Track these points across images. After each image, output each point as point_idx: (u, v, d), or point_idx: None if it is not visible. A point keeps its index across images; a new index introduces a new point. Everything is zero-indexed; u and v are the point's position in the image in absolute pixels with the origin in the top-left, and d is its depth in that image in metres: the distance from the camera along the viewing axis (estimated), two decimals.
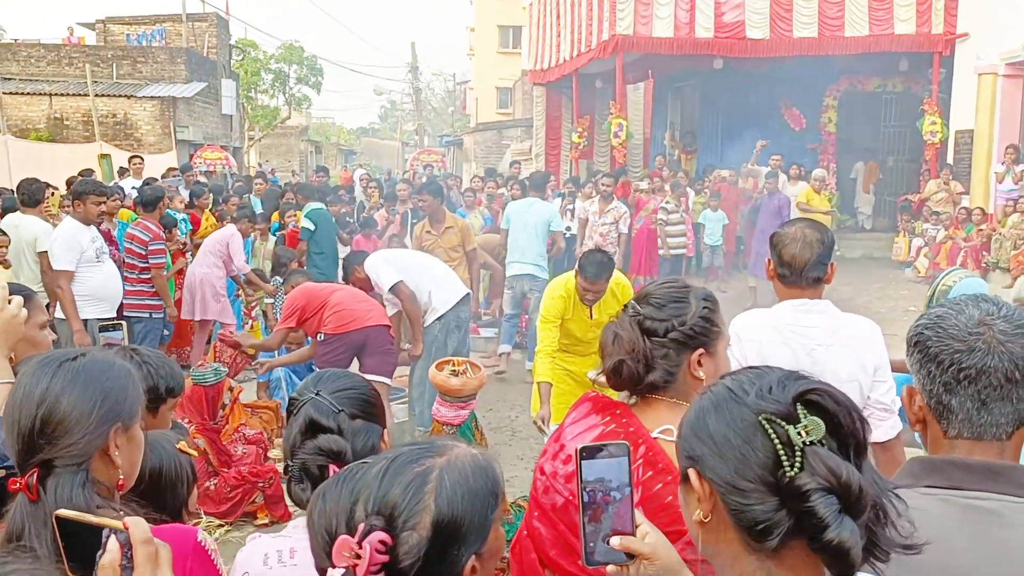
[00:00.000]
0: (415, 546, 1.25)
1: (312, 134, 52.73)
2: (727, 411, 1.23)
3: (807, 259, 3.01)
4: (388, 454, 1.38)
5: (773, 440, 1.16)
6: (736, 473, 1.18)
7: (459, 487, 1.31)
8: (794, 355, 2.98)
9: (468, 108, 44.43)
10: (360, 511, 1.29)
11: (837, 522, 1.11)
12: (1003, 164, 13.99)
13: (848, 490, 1.12)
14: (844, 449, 1.17)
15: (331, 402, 1.97)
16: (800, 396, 1.19)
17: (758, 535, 1.16)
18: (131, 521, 1.25)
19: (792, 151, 16.91)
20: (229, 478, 5.58)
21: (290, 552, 1.89)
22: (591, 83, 20.07)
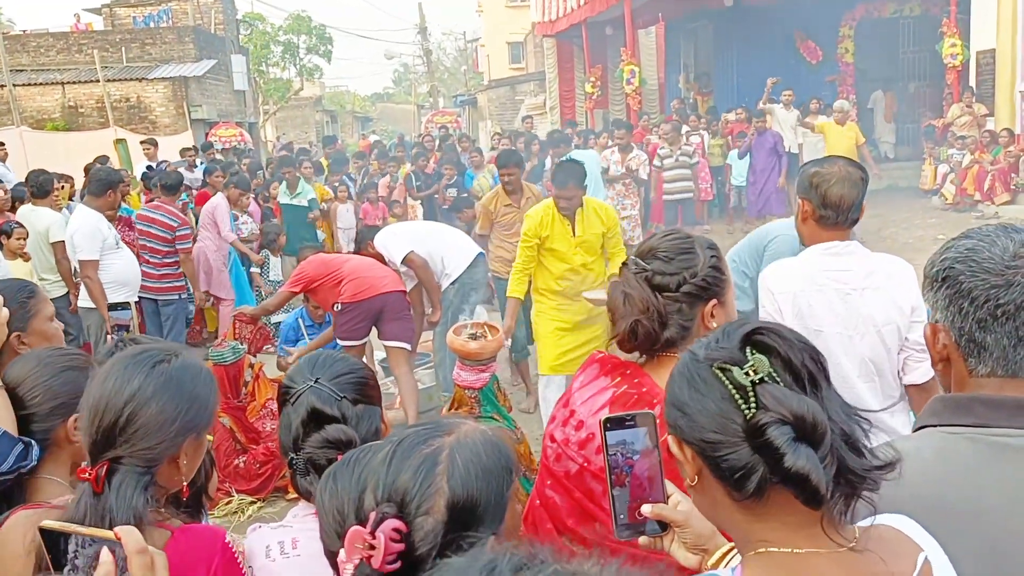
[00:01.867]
0: (431, 531, 1.21)
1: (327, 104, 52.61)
2: (688, 372, 1.26)
3: (855, 198, 2.91)
4: (393, 437, 1.33)
5: (727, 385, 1.18)
6: (706, 428, 1.20)
7: (472, 466, 1.26)
8: (829, 302, 2.89)
9: (480, 66, 44.02)
10: (369, 499, 1.25)
11: (792, 449, 1.12)
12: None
13: (802, 420, 1.13)
14: (799, 382, 1.18)
15: (332, 389, 1.89)
16: (745, 338, 1.22)
17: (737, 484, 1.17)
18: (123, 531, 1.23)
19: (810, 85, 16.58)
20: (258, 454, 5.61)
21: (292, 542, 1.84)
22: (601, 31, 19.76)
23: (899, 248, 10.37)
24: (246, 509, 5.46)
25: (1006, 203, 13.13)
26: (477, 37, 47.35)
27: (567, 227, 5.63)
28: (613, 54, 19.76)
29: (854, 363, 2.91)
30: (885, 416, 2.93)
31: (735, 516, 1.22)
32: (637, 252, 2.05)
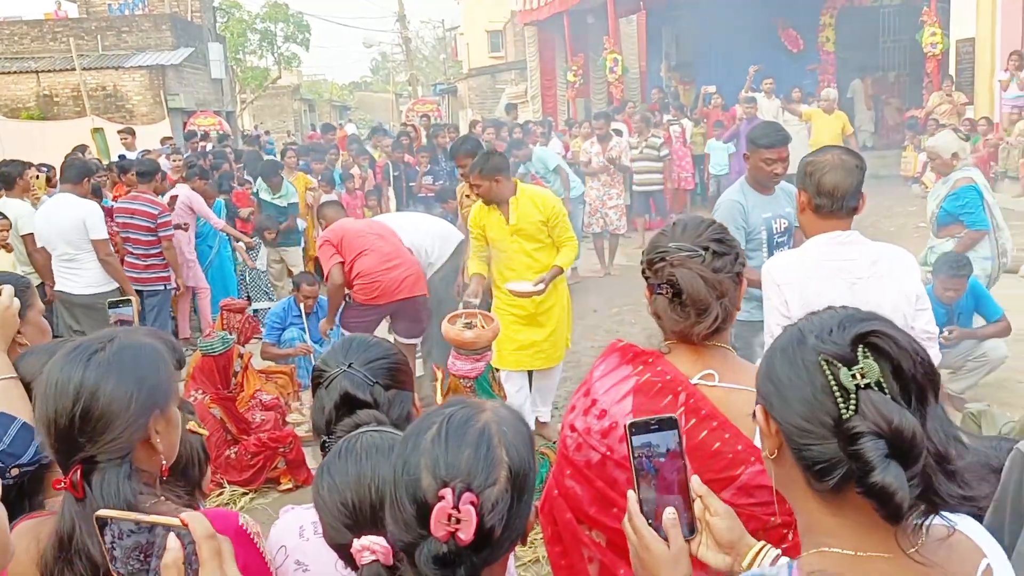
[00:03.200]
0: (499, 501, 1.25)
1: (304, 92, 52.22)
2: (792, 353, 1.23)
3: (849, 186, 2.90)
4: (433, 418, 1.34)
5: (830, 382, 1.16)
6: (797, 414, 1.19)
7: (518, 436, 1.32)
8: (836, 291, 2.88)
9: (460, 54, 43.84)
10: (428, 480, 1.26)
11: (883, 466, 1.10)
12: (1007, 71, 13.73)
13: (899, 435, 1.10)
14: (906, 394, 1.14)
15: (365, 374, 1.91)
16: (861, 338, 1.18)
17: (817, 475, 1.17)
18: (190, 516, 1.20)
19: (791, 74, 16.64)
20: (249, 445, 5.56)
21: (313, 526, 1.84)
22: (583, 19, 19.73)
23: (881, 236, 10.42)
24: (238, 500, 5.42)
25: None
26: (456, 25, 47.14)
27: (501, 217, 5.61)
28: (595, 43, 19.75)
29: None
30: None
31: (809, 502, 1.22)
32: (679, 239, 1.99)
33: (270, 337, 7.24)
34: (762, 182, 4.68)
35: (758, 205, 4.66)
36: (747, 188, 4.73)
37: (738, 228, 4.58)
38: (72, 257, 6.95)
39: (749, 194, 4.70)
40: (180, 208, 8.94)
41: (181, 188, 9.31)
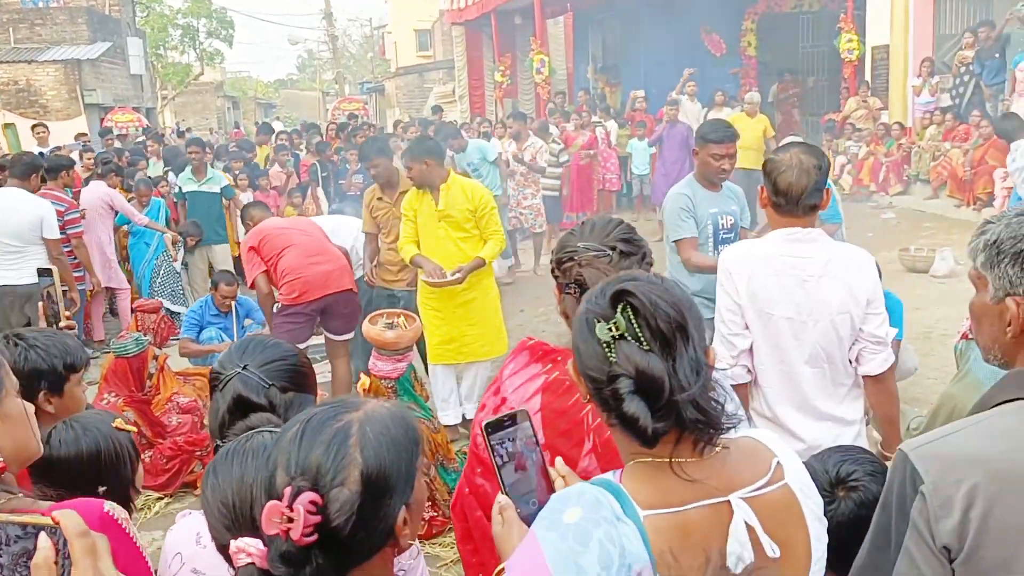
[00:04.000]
0: (347, 502, 1.24)
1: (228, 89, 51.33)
2: (579, 315, 1.45)
3: (804, 186, 2.89)
4: (300, 417, 1.35)
5: (597, 336, 1.37)
6: (589, 367, 1.41)
7: (382, 437, 1.30)
8: (784, 286, 2.91)
9: (388, 53, 43.53)
10: (282, 477, 1.26)
11: (629, 399, 1.33)
12: (920, 77, 14.18)
13: (643, 376, 1.33)
14: (655, 339, 1.36)
15: (260, 376, 1.86)
16: (616, 297, 1.38)
17: (606, 411, 1.40)
18: (61, 515, 1.15)
19: (715, 77, 16.92)
20: (164, 449, 5.43)
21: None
22: (510, 20, 19.76)
23: None
24: (153, 505, 5.29)
25: (899, 193, 13.65)
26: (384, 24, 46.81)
27: (431, 201, 5.67)
28: (522, 43, 19.80)
29: (804, 349, 2.93)
30: (832, 405, 2.99)
31: (618, 432, 1.41)
32: (587, 239, 2.01)
33: (189, 333, 7.08)
34: (710, 178, 4.72)
35: (705, 200, 4.70)
36: (695, 184, 4.78)
37: (688, 213, 4.64)
38: (18, 250, 6.88)
39: (696, 189, 4.74)
40: (98, 205, 8.68)
41: (97, 185, 9.04)
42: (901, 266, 9.63)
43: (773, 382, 3.00)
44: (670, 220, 4.72)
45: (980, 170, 11.93)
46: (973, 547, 1.41)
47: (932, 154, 13.12)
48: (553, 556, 1.30)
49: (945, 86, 14.01)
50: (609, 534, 1.31)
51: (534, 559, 1.32)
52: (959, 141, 12.62)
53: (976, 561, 1.41)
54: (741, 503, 1.38)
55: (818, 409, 2.98)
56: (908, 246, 9.99)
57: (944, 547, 1.43)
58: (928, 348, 6.67)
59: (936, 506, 1.43)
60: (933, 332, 7.22)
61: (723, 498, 1.38)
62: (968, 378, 3.97)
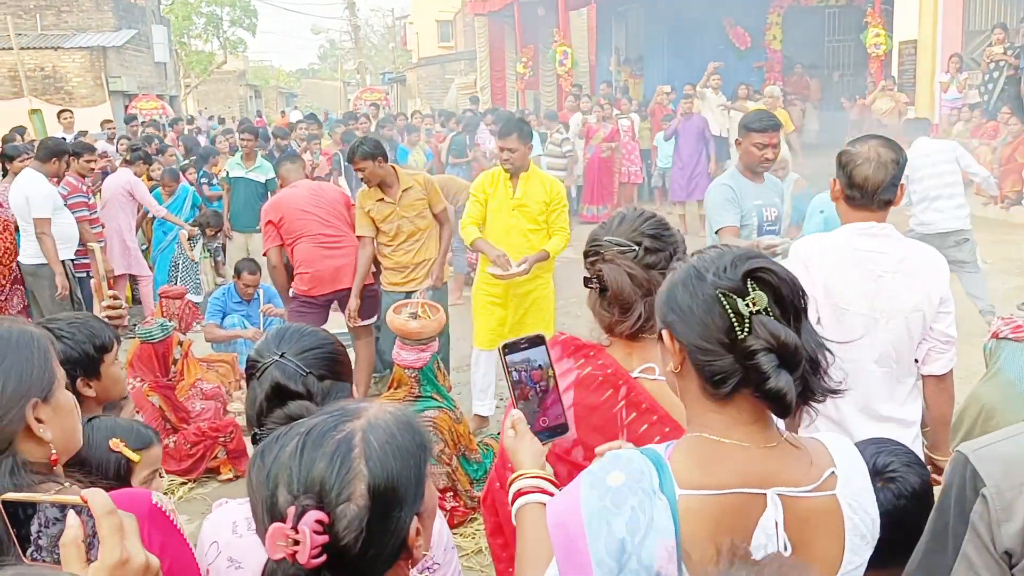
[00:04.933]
0: (355, 518, 1.18)
1: (250, 78, 51.51)
2: (692, 286, 1.44)
3: (881, 180, 2.83)
4: (299, 428, 1.28)
5: (728, 311, 1.39)
6: (700, 337, 1.41)
7: (388, 446, 1.24)
8: (860, 282, 2.85)
9: (409, 43, 43.56)
10: (283, 495, 1.20)
11: (776, 375, 1.36)
12: (947, 73, 14.04)
13: (785, 348, 1.37)
14: (786, 315, 1.41)
15: (297, 364, 1.84)
16: (749, 273, 1.41)
17: (715, 384, 1.41)
18: (89, 493, 1.15)
19: (738, 70, 16.83)
20: (188, 435, 5.46)
21: (247, 522, 1.79)
22: (533, 11, 19.71)
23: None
24: (176, 490, 5.31)
25: None
26: (406, 14, 46.84)
27: (509, 188, 5.56)
28: (545, 35, 19.74)
29: (875, 347, 2.87)
30: (894, 406, 2.93)
31: (701, 402, 1.46)
32: (614, 233, 1.98)
33: (213, 319, 7.11)
34: (752, 167, 4.66)
35: (749, 192, 4.64)
36: (737, 176, 4.71)
37: (731, 204, 4.56)
38: (23, 229, 7.14)
39: (740, 180, 4.67)
40: (119, 193, 8.71)
41: (122, 172, 9.08)
42: None
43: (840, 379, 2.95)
44: (713, 209, 4.66)
45: (1009, 168, 11.80)
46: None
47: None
48: (589, 510, 1.40)
49: (974, 82, 13.87)
50: (643, 504, 1.38)
51: (572, 507, 1.43)
52: (987, 138, 12.49)
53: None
54: (776, 500, 1.40)
55: (880, 411, 2.93)
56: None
57: (1005, 552, 1.41)
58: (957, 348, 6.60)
59: (998, 510, 1.42)
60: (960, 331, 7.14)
61: (761, 490, 1.40)
62: (998, 377, 3.92)
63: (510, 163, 5.49)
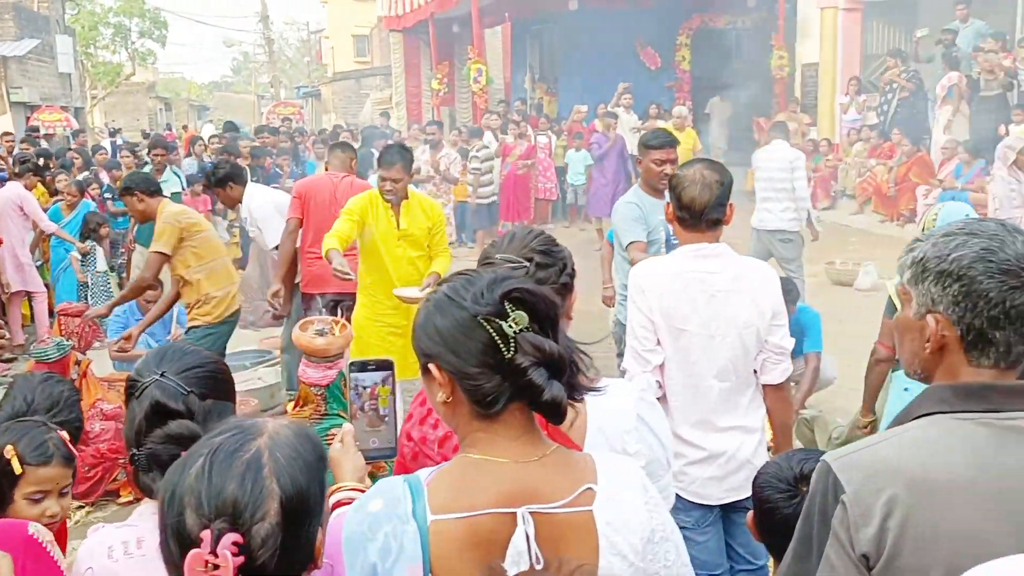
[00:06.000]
0: (269, 536, 1.20)
1: (160, 90, 50.35)
2: (450, 314, 1.49)
3: (706, 201, 2.95)
4: (202, 449, 1.28)
5: (491, 334, 1.44)
6: (467, 363, 1.46)
7: (294, 461, 1.27)
8: (694, 302, 2.95)
9: (325, 58, 43.18)
10: (192, 519, 1.20)
11: (549, 386, 1.43)
12: (847, 95, 14.57)
13: (551, 359, 1.44)
14: (544, 328, 1.47)
15: (178, 383, 1.81)
16: (506, 295, 1.46)
17: (487, 405, 1.46)
18: None
19: (649, 90, 17.14)
20: (86, 457, 5.30)
21: (137, 542, 1.75)
22: (448, 28, 19.78)
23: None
24: (73, 514, 5.16)
25: (826, 208, 13.98)
26: (321, 28, 46.46)
27: (392, 219, 5.42)
28: (460, 51, 19.83)
29: (713, 364, 2.98)
30: (737, 417, 3.05)
31: (471, 424, 1.50)
32: (506, 251, 2.02)
33: (116, 337, 6.91)
34: (653, 184, 4.78)
35: (653, 208, 4.74)
36: (641, 193, 4.84)
37: (637, 222, 4.69)
38: None
39: (644, 198, 4.81)
40: (9, 207, 8.41)
41: (12, 186, 8.78)
42: (827, 279, 9.86)
43: (680, 397, 3.05)
44: (621, 226, 4.78)
45: (903, 187, 12.30)
46: (891, 556, 1.44)
47: (858, 170, 13.48)
48: (348, 534, 1.47)
49: (872, 104, 14.42)
50: (396, 530, 1.43)
51: (337, 528, 1.52)
52: (884, 158, 13.00)
53: (893, 570, 1.44)
54: (528, 517, 1.44)
55: (719, 423, 3.04)
56: (834, 260, 10.24)
57: (863, 555, 1.46)
58: (851, 359, 6.82)
59: (856, 515, 1.46)
60: (857, 344, 7.40)
61: (512, 509, 1.44)
62: (891, 390, 4.09)
63: (393, 194, 5.37)
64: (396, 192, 5.36)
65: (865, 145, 13.65)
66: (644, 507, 1.52)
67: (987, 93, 11.76)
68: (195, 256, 5.62)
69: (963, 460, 1.47)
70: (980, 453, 1.47)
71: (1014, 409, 1.50)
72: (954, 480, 1.46)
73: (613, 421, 1.85)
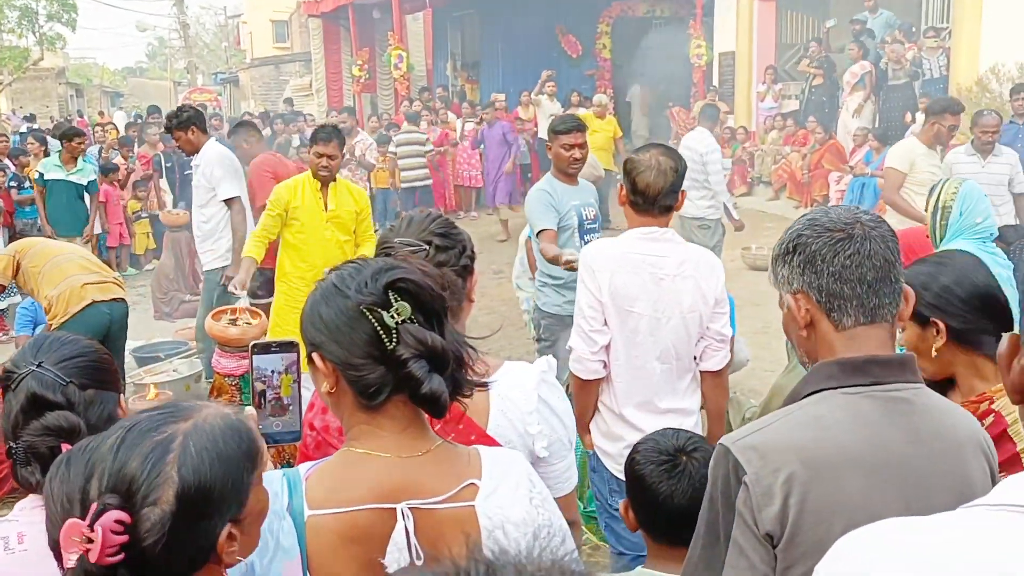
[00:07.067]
0: (158, 522, 1.17)
1: (71, 76, 48.72)
2: (335, 303, 1.46)
3: (661, 187, 2.98)
4: (125, 423, 1.26)
5: (374, 324, 1.41)
6: (350, 353, 1.43)
7: (207, 453, 1.23)
8: (643, 284, 2.99)
9: (243, 43, 42.31)
10: (94, 488, 1.19)
11: (428, 379, 1.41)
12: (764, 84, 14.85)
13: (433, 352, 1.42)
14: (429, 320, 1.45)
15: (56, 374, 1.76)
16: (390, 284, 1.43)
17: (370, 396, 1.44)
18: None
19: (571, 78, 17.24)
20: None
21: (18, 537, 1.71)
22: (368, 14, 19.57)
23: None
24: None
25: (743, 194, 14.26)
26: (239, 13, 45.48)
27: (319, 200, 5.45)
28: (381, 38, 19.63)
29: (657, 345, 3.04)
30: (675, 399, 3.11)
31: (356, 415, 1.48)
32: (404, 235, 2.01)
33: (25, 331, 6.71)
34: (564, 169, 4.77)
35: (566, 194, 4.75)
36: (552, 180, 4.83)
37: (548, 210, 4.67)
38: None
39: (555, 184, 4.79)
40: None
41: None
42: (743, 264, 10.06)
43: (624, 377, 3.10)
44: (532, 214, 4.76)
45: (816, 173, 12.61)
46: (792, 532, 1.48)
47: (774, 157, 13.77)
48: None
49: (788, 92, 14.72)
50: (271, 526, 1.41)
51: None
52: (798, 145, 13.29)
53: (796, 545, 1.48)
54: (408, 513, 1.43)
55: (661, 404, 3.11)
56: (750, 245, 10.43)
57: (767, 534, 1.50)
58: (765, 342, 6.99)
59: (758, 495, 1.50)
60: (770, 327, 7.57)
61: (391, 504, 1.43)
62: (796, 370, 4.20)
63: (328, 171, 5.40)
64: (331, 169, 5.41)
65: (781, 133, 13.94)
66: (529, 503, 1.50)
67: (894, 82, 12.11)
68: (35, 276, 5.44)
69: (852, 434, 1.52)
70: (867, 426, 1.52)
71: (896, 380, 1.55)
72: (844, 454, 1.50)
73: (515, 403, 1.86)
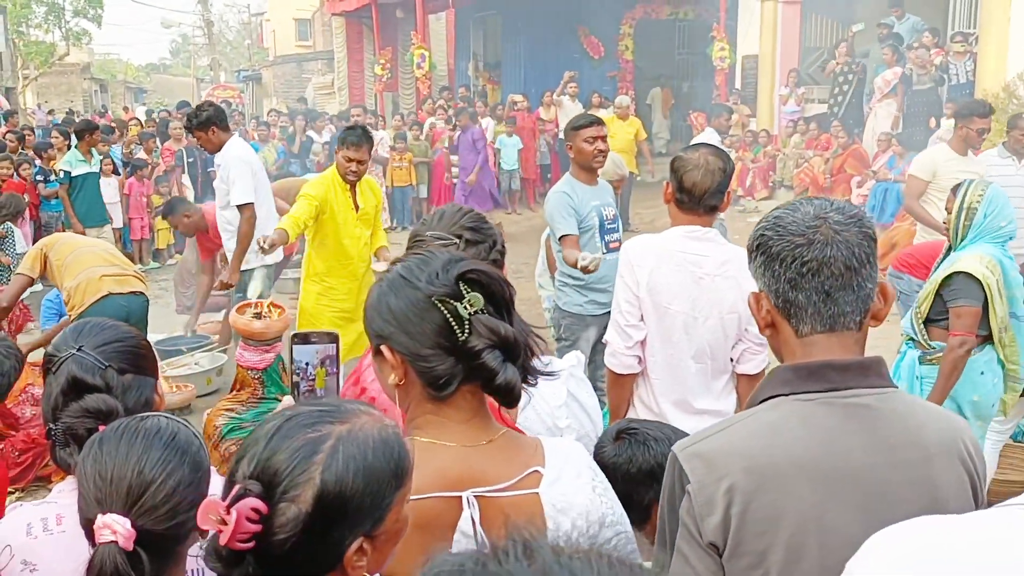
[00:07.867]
0: (291, 520, 1.16)
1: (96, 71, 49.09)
2: (405, 294, 1.46)
3: (707, 187, 2.98)
4: (287, 412, 1.25)
5: (445, 315, 1.42)
6: (420, 344, 1.44)
7: (353, 462, 1.19)
8: (682, 282, 2.99)
9: (266, 41, 42.52)
10: (243, 468, 1.19)
11: (503, 369, 1.42)
12: (786, 87, 14.79)
13: (506, 342, 1.43)
14: (499, 311, 1.46)
15: (96, 357, 1.79)
16: (461, 275, 1.44)
17: (440, 387, 1.45)
18: None
19: (592, 79, 17.24)
20: (16, 441, 5.19)
21: (57, 519, 1.73)
22: (391, 12, 19.62)
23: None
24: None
25: (765, 198, 14.21)
26: (262, 11, 45.69)
27: (349, 200, 5.48)
28: (404, 37, 19.68)
29: (692, 345, 3.03)
30: (710, 400, 3.09)
31: (422, 406, 1.48)
32: (436, 228, 2.04)
33: (51, 323, 6.78)
34: (587, 164, 4.71)
35: (586, 195, 4.72)
36: (572, 181, 4.78)
37: (569, 214, 4.63)
38: None
39: (576, 186, 4.75)
40: None
41: None
42: None
43: (661, 374, 3.10)
44: (553, 218, 4.71)
45: (839, 178, 12.55)
46: (735, 542, 1.44)
47: (796, 161, 13.71)
48: None
49: (811, 96, 14.66)
50: None
51: None
52: (821, 150, 13.23)
53: (740, 555, 1.44)
54: (473, 500, 1.43)
55: (696, 404, 3.09)
56: None
57: (711, 543, 1.46)
58: None
59: (700, 504, 1.46)
60: None
61: (457, 493, 1.43)
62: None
63: (356, 176, 5.42)
64: (360, 173, 5.42)
65: (803, 137, 13.89)
66: (592, 491, 1.50)
67: (919, 87, 12.03)
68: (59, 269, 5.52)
69: (803, 442, 1.46)
70: (821, 434, 1.47)
71: (852, 386, 1.49)
72: (794, 463, 1.45)
73: (544, 397, 1.88)
